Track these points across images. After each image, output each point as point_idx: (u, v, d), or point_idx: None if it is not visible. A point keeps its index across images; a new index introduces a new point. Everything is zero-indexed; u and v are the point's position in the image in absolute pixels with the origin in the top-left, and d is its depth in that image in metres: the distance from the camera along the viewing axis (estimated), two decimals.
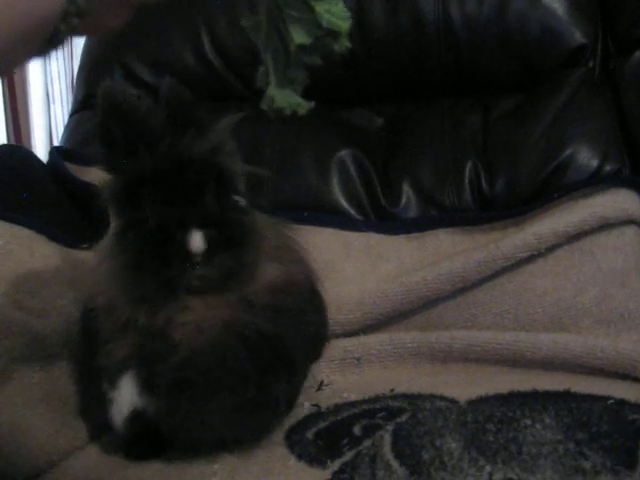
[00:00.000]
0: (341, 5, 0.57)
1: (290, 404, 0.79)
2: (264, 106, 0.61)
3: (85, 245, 1.01)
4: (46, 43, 0.50)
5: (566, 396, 0.78)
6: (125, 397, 0.72)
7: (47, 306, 0.87)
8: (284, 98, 0.61)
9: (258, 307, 0.72)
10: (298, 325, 0.78)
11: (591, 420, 0.70)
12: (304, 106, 0.62)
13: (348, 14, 0.57)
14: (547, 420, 0.70)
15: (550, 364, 0.92)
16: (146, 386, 0.71)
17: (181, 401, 0.68)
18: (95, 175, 1.15)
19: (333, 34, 0.58)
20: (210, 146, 0.70)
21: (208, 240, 0.68)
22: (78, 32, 0.52)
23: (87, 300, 0.76)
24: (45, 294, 0.88)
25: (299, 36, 0.58)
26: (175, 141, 0.69)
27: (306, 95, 1.26)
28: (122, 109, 0.68)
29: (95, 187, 0.99)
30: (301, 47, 0.58)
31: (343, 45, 0.59)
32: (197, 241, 0.67)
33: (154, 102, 0.72)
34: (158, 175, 0.68)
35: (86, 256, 0.98)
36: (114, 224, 0.73)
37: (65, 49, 2.15)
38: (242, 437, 0.72)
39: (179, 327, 0.70)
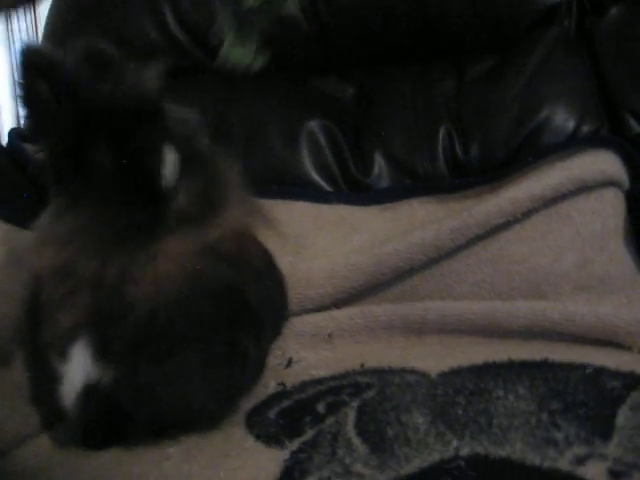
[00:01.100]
0: None
1: (259, 367, 0.75)
2: (219, 62, 0.61)
3: None
4: None
5: (543, 365, 0.75)
6: (77, 369, 0.66)
7: (3, 289, 0.83)
8: (238, 55, 0.62)
9: (224, 256, 0.67)
10: (263, 282, 0.74)
11: (567, 389, 0.67)
12: (258, 61, 0.63)
13: None
14: (521, 391, 0.67)
15: (528, 333, 0.89)
16: (101, 353, 0.65)
17: (142, 364, 0.64)
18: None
19: None
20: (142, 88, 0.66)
21: (180, 165, 0.63)
22: None
23: (33, 272, 0.71)
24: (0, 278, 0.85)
25: None
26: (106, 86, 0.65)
27: (275, 64, 1.22)
28: (44, 65, 0.64)
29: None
30: (251, 9, 0.59)
31: (292, 6, 0.60)
32: (170, 163, 0.63)
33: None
34: (104, 115, 0.63)
35: (43, 238, 0.94)
36: (58, 188, 0.68)
37: (30, 29, 2.10)
38: (210, 403, 0.68)
39: (136, 282, 0.64)
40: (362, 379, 0.76)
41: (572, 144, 1.04)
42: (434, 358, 0.82)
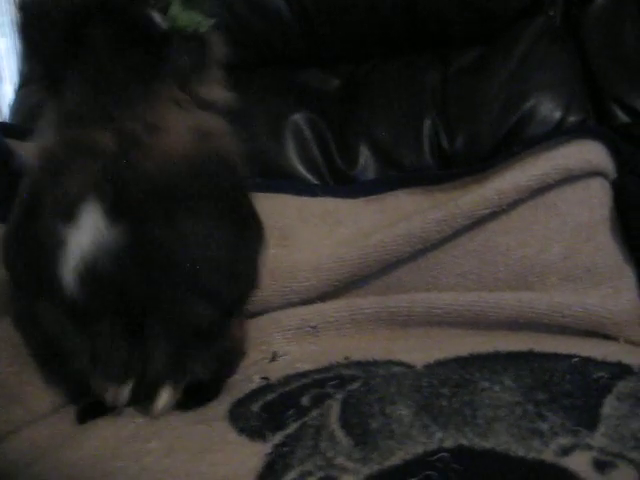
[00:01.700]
0: None
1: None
2: (165, 25, 0.64)
3: None
4: None
5: (529, 356, 0.75)
6: (86, 229, 0.63)
7: None
8: (186, 17, 0.65)
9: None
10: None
11: (553, 380, 0.67)
12: (204, 24, 0.66)
13: None
14: (506, 382, 0.67)
15: (515, 324, 0.88)
16: (111, 212, 0.63)
17: (156, 220, 0.63)
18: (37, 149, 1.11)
19: None
20: None
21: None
22: None
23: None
24: None
25: None
26: None
27: (259, 56, 1.21)
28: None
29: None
30: None
31: None
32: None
33: None
34: None
35: None
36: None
37: (13, 24, 2.08)
38: (219, 262, 0.67)
39: (144, 147, 0.65)
40: (347, 372, 0.75)
41: (558, 134, 1.03)
42: (420, 350, 0.81)
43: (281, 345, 0.89)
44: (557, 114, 1.09)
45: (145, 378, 0.69)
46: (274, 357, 0.87)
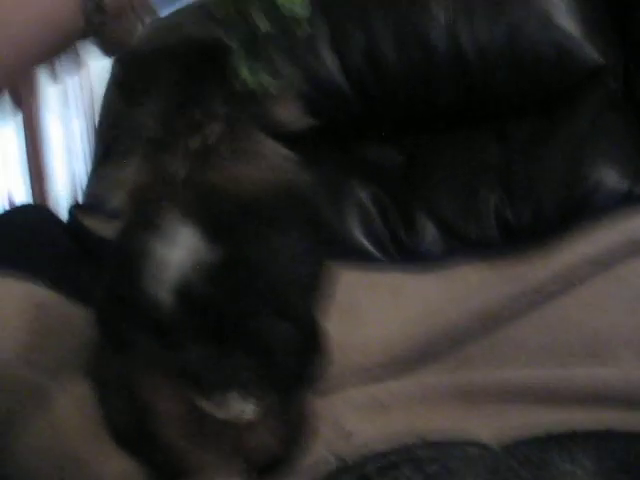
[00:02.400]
0: None
1: None
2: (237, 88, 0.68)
3: None
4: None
5: (608, 437, 0.73)
6: (182, 250, 0.66)
7: (61, 364, 0.85)
8: (255, 80, 0.68)
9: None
10: None
11: (635, 461, 0.65)
12: (274, 85, 0.69)
13: (306, 2, 0.65)
14: (587, 464, 0.66)
15: (590, 401, 0.87)
16: (207, 233, 0.67)
17: (249, 240, 0.67)
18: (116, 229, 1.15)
19: (295, 21, 0.65)
20: None
21: None
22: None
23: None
24: (59, 352, 0.86)
25: (264, 24, 0.65)
26: None
27: (321, 135, 1.24)
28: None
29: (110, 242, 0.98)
30: (267, 34, 0.66)
31: (304, 30, 0.66)
32: None
33: None
34: None
35: None
36: None
37: (86, 106, 2.18)
38: (303, 283, 0.71)
39: (235, 177, 0.69)
40: (423, 453, 0.75)
41: (625, 206, 1.03)
42: (494, 429, 0.80)
43: (353, 424, 0.89)
44: (624, 185, 1.09)
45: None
46: (347, 436, 0.86)
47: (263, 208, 0.68)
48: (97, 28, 0.50)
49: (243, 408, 0.70)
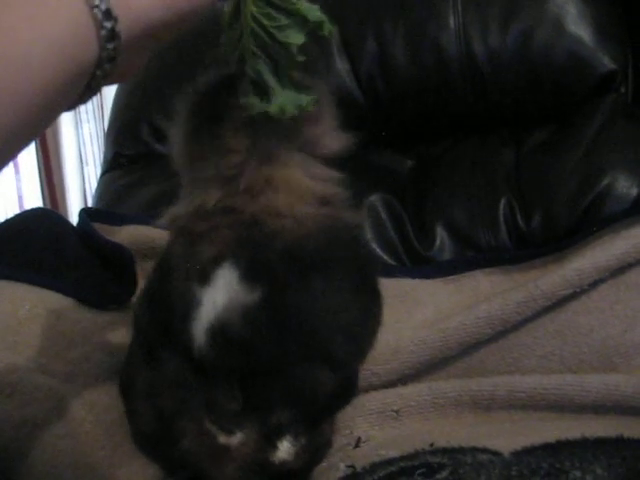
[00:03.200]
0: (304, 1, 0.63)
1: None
2: (274, 114, 0.65)
3: (114, 306, 1.00)
4: (82, 92, 0.52)
5: (619, 443, 0.73)
6: (221, 290, 0.66)
7: (74, 369, 0.86)
8: (291, 101, 0.65)
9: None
10: None
11: None
12: (310, 103, 0.66)
13: (316, 6, 0.63)
14: (598, 471, 0.66)
15: (601, 407, 0.87)
16: (246, 275, 0.66)
17: (292, 280, 0.65)
18: (125, 234, 1.15)
19: (318, 25, 0.63)
20: None
21: None
22: (109, 79, 0.53)
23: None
24: (72, 357, 0.87)
25: (294, 37, 0.62)
26: None
27: None
28: None
29: (122, 247, 0.99)
30: (300, 47, 0.63)
31: (330, 29, 0.63)
32: None
33: None
34: None
35: (114, 318, 0.96)
36: None
37: (96, 110, 2.19)
38: (349, 331, 0.70)
39: (276, 215, 0.68)
40: (433, 459, 0.75)
41: (636, 212, 1.03)
42: (505, 436, 0.80)
43: (364, 430, 0.89)
44: (634, 191, 1.09)
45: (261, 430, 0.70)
46: (358, 443, 0.87)
47: (307, 248, 0.67)
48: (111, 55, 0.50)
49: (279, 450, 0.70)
